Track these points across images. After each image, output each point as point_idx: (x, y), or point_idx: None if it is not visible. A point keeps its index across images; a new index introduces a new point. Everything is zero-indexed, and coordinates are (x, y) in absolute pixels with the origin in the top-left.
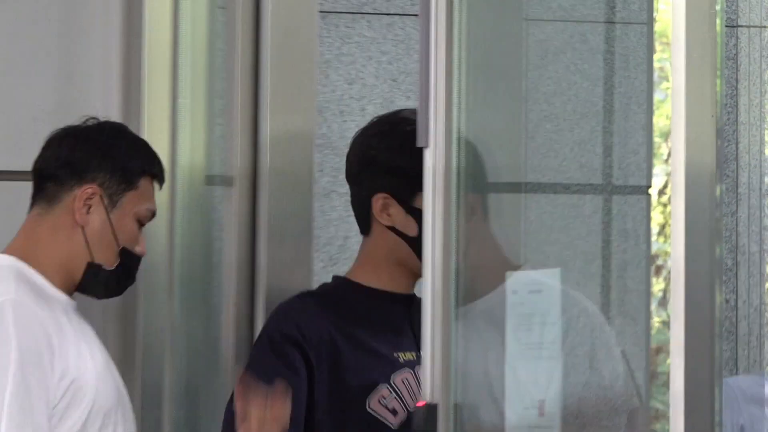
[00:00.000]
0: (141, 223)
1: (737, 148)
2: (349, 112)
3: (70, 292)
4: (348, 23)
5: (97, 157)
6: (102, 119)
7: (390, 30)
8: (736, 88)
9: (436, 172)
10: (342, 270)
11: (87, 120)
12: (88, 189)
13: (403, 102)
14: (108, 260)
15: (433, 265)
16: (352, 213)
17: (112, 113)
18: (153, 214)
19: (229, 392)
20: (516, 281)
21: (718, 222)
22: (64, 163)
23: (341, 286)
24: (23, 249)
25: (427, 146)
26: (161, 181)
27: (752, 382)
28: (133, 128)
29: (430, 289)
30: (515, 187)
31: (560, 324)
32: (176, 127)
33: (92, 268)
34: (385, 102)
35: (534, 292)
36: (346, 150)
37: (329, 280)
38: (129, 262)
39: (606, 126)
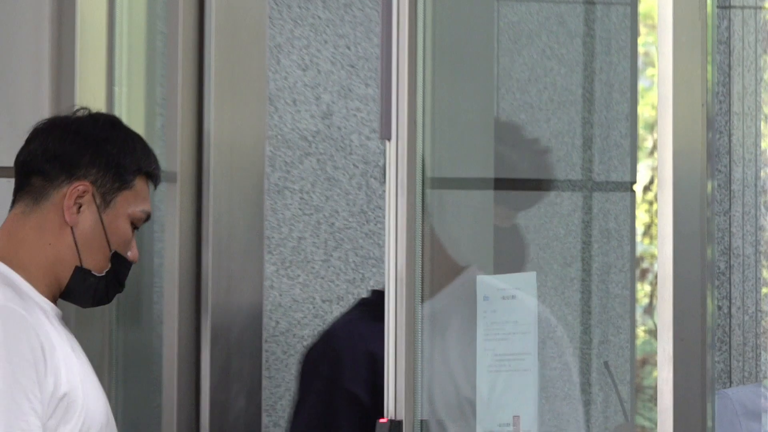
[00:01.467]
0: (135, 226)
1: (730, 141)
2: (303, 101)
3: (54, 299)
4: (301, 3)
5: (90, 152)
6: (94, 110)
7: (347, 11)
8: (729, 75)
9: (399, 167)
10: (296, 273)
11: (77, 110)
12: (80, 186)
13: (362, 90)
14: (97, 265)
15: (397, 269)
16: (306, 211)
17: (41, 102)
18: (148, 217)
19: (173, 410)
20: (487, 286)
21: (710, 222)
22: (52, 156)
23: None
24: (5, 250)
25: (389, 139)
26: (157, 181)
27: (753, 393)
28: None
29: (393, 294)
30: (485, 183)
31: (535, 333)
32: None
33: (80, 273)
34: (343, 90)
35: (507, 298)
36: (301, 142)
37: (282, 285)
38: (120, 268)
39: (586, 116)
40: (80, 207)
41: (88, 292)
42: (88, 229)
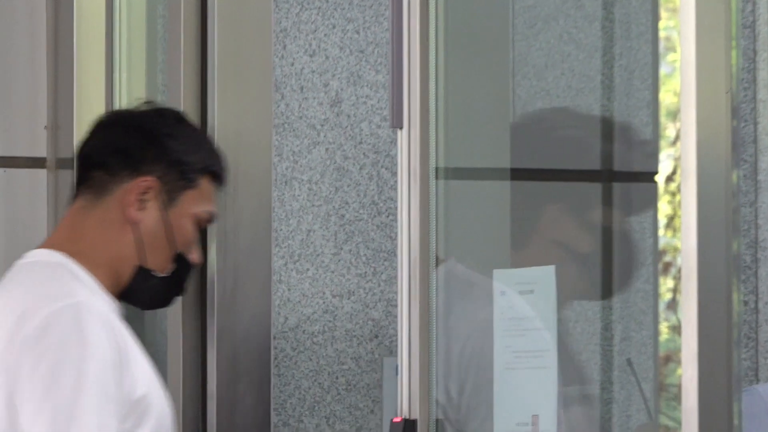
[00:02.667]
0: (198, 227)
1: (756, 129)
2: (310, 88)
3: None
4: None
5: (155, 147)
6: (159, 105)
7: None
8: (754, 61)
9: (411, 157)
10: (305, 267)
11: (142, 104)
12: (144, 182)
13: (372, 76)
14: (160, 265)
15: (410, 262)
16: (315, 203)
17: (38, 88)
18: (212, 218)
19: (179, 409)
20: (504, 281)
21: (735, 213)
22: (115, 150)
23: None
24: (67, 245)
25: (401, 127)
26: (223, 182)
27: None
28: (60, 107)
29: (406, 289)
30: (501, 174)
31: (554, 329)
32: (112, 106)
33: (141, 273)
34: (352, 76)
35: (525, 293)
36: (309, 131)
37: (290, 279)
38: (182, 270)
39: (605, 104)
40: (143, 203)
41: (148, 293)
42: (150, 227)
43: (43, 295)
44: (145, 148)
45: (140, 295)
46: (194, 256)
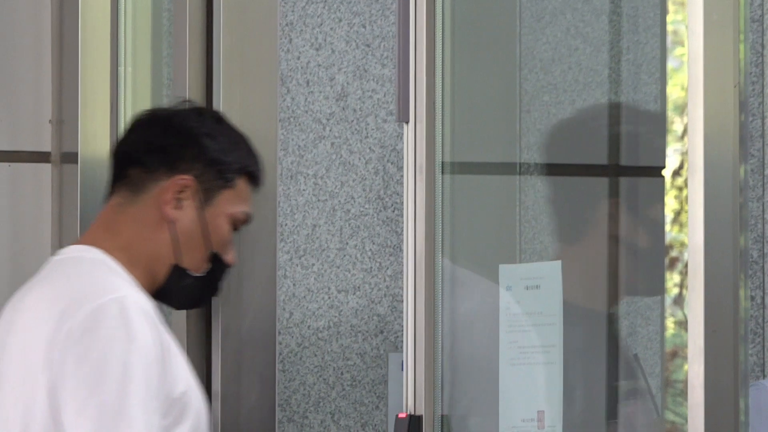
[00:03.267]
0: (234, 228)
1: (764, 124)
2: (316, 82)
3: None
4: None
5: (193, 146)
6: (198, 104)
7: None
8: (762, 55)
9: (417, 151)
10: (311, 262)
11: (181, 103)
12: (182, 180)
13: (378, 70)
14: (195, 264)
15: (416, 258)
16: (320, 197)
17: (43, 83)
18: (248, 219)
19: None
20: (509, 276)
21: (742, 208)
22: (153, 148)
23: None
24: (105, 241)
25: (407, 121)
26: (259, 183)
27: None
28: (65, 102)
29: (411, 284)
30: (508, 169)
31: (560, 324)
32: (117, 100)
33: (177, 272)
34: (358, 70)
35: (531, 288)
36: (314, 125)
37: (296, 274)
38: (217, 271)
39: (612, 98)
40: (180, 202)
41: (183, 293)
42: (187, 226)
43: (87, 289)
44: (184, 147)
45: (175, 294)
46: (229, 257)
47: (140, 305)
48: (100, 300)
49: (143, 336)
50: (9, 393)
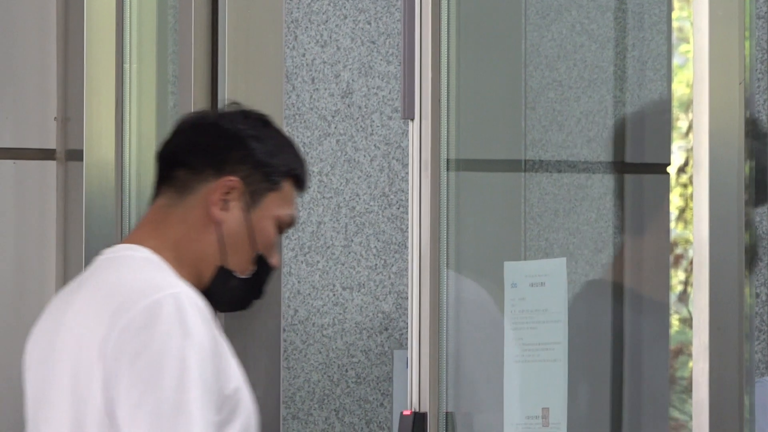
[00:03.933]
0: (279, 230)
1: None
2: (321, 79)
3: None
4: None
5: (240, 148)
6: (245, 107)
7: None
8: None
9: (422, 148)
10: (315, 259)
11: (228, 105)
12: (229, 182)
13: (383, 67)
14: (241, 266)
15: (420, 255)
16: (326, 195)
17: (48, 80)
18: (293, 222)
19: None
20: (515, 273)
21: (747, 205)
22: (200, 150)
23: None
24: (152, 241)
25: (412, 118)
26: (304, 187)
27: None
28: (70, 99)
29: (416, 282)
30: (513, 165)
31: (566, 322)
32: (122, 97)
33: (222, 274)
34: (363, 67)
35: (537, 285)
36: (320, 122)
37: (300, 271)
38: (262, 273)
39: (617, 95)
40: (227, 203)
41: (227, 295)
42: (233, 228)
43: (141, 285)
44: (230, 149)
45: (220, 296)
46: (274, 259)
47: (195, 301)
48: (156, 296)
49: (199, 332)
50: (60, 391)
